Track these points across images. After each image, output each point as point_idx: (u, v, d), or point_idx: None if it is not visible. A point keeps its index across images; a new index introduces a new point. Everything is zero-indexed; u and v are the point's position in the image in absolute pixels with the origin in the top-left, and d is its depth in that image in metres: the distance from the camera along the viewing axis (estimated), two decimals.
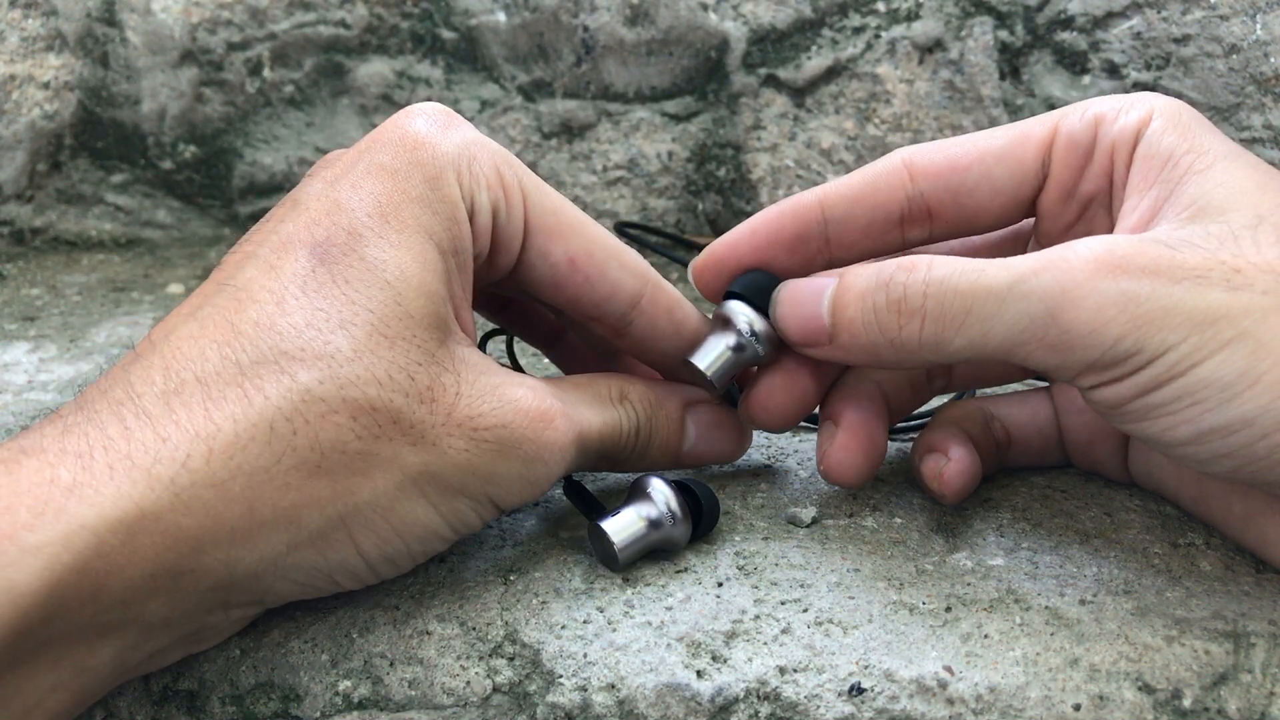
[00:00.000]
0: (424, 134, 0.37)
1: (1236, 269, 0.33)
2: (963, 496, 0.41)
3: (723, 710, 0.34)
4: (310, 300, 0.34)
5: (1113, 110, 0.39)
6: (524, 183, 0.38)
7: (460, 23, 0.78)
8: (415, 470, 0.34)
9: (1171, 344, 0.33)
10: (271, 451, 0.32)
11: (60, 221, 0.83)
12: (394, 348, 0.34)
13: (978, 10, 0.72)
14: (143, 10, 0.79)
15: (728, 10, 0.74)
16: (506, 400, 0.36)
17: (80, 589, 0.30)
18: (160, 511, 0.31)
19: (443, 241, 0.36)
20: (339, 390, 0.33)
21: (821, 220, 0.40)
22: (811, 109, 0.75)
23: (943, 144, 0.40)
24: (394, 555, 0.35)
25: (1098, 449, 0.43)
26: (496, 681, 0.36)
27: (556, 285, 0.39)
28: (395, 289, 0.34)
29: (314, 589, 0.35)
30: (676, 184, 0.78)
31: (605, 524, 0.38)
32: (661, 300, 0.40)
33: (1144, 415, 0.34)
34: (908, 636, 0.35)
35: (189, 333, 0.33)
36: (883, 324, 0.36)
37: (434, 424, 0.34)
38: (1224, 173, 0.36)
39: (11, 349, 0.63)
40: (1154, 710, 0.34)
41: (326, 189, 0.36)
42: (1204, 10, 0.65)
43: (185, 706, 0.37)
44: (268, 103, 0.81)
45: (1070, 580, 0.38)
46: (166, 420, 0.32)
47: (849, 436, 0.41)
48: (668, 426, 0.41)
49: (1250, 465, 0.33)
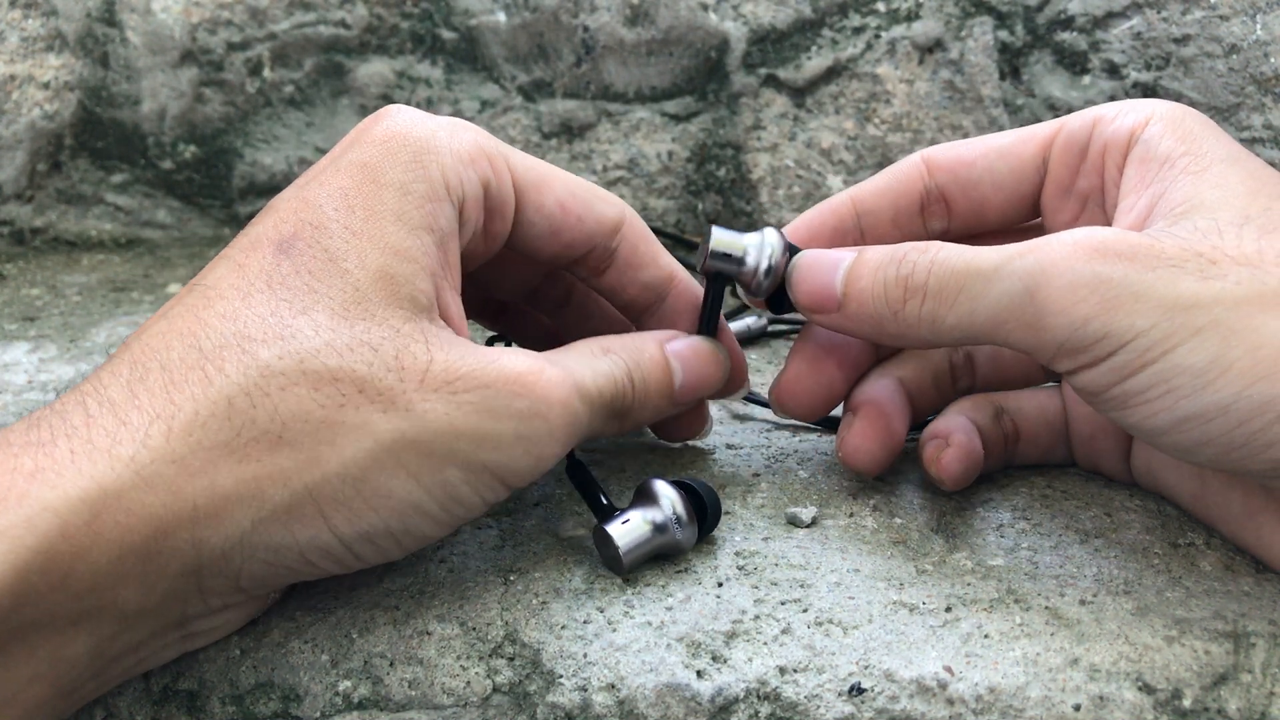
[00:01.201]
0: (399, 126, 0.38)
1: (1213, 260, 0.34)
2: (961, 484, 0.42)
3: (723, 710, 0.34)
4: (275, 292, 0.34)
5: (1111, 112, 0.41)
6: (502, 149, 0.39)
7: (460, 23, 0.78)
8: (389, 438, 0.33)
9: (1140, 329, 0.33)
10: (231, 425, 0.32)
11: (60, 221, 0.83)
12: (354, 326, 0.34)
13: (978, 10, 0.72)
14: (143, 10, 0.79)
15: (728, 10, 0.74)
16: (487, 361, 0.35)
17: (48, 572, 0.30)
18: (122, 489, 0.31)
19: (415, 220, 0.36)
20: (299, 363, 0.33)
21: (854, 214, 0.44)
22: (811, 109, 0.75)
23: (958, 142, 0.44)
24: (372, 533, 0.34)
25: (1099, 445, 0.44)
26: (496, 681, 0.36)
27: (554, 232, 0.40)
28: (354, 276, 0.35)
29: (289, 570, 0.34)
30: (676, 184, 0.78)
31: (611, 528, 0.38)
32: (637, 226, 0.43)
33: (1124, 403, 0.35)
34: (908, 636, 0.35)
35: (158, 330, 0.34)
36: (890, 297, 0.37)
37: (405, 389, 0.34)
38: (1218, 175, 0.37)
39: (11, 349, 0.63)
40: (1154, 710, 0.34)
41: (298, 190, 0.37)
42: (1204, 10, 0.65)
43: (185, 706, 0.37)
44: (268, 103, 0.81)
45: (1070, 580, 0.38)
46: (129, 406, 0.32)
47: (867, 423, 0.42)
48: (654, 367, 0.41)
49: (1232, 453, 0.34)
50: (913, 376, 0.44)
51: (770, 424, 0.51)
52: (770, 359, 0.61)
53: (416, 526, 0.35)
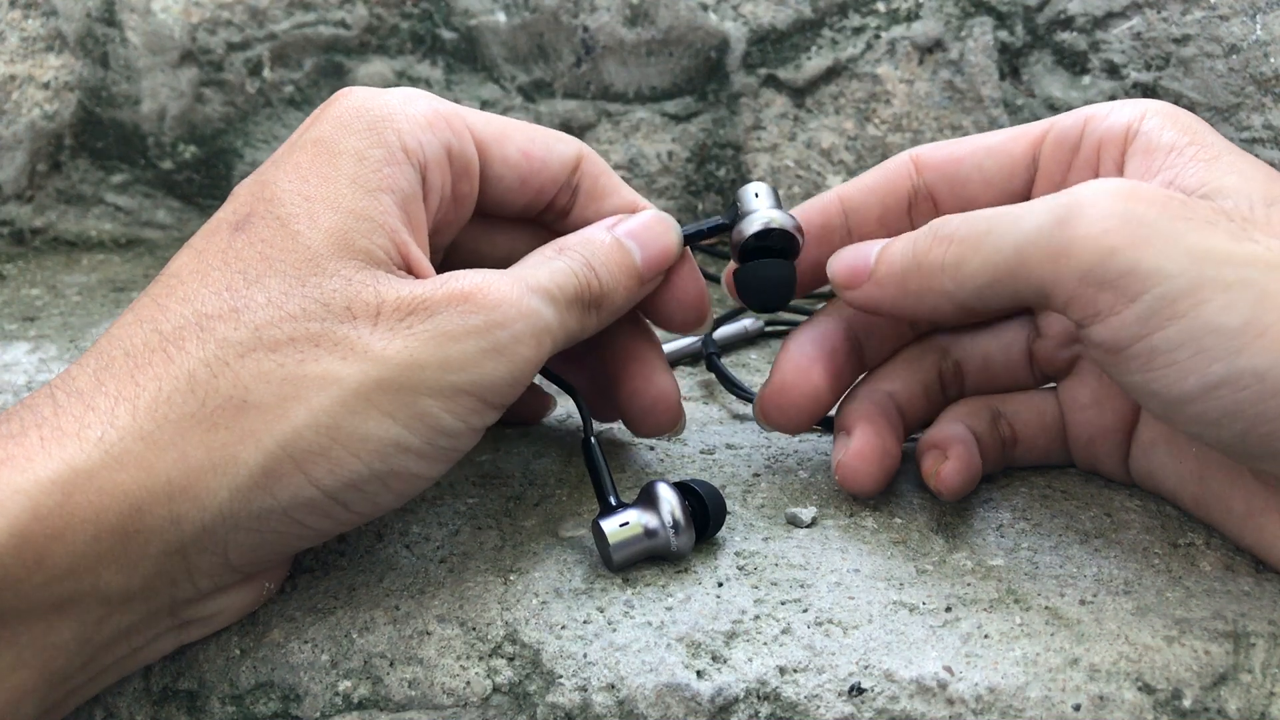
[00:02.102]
0: (354, 102, 0.38)
1: (1244, 226, 0.33)
2: (960, 495, 0.42)
3: (723, 710, 0.34)
4: (230, 267, 0.35)
5: (1103, 110, 0.41)
6: (460, 111, 0.40)
7: (460, 23, 0.78)
8: (354, 382, 0.33)
9: (1169, 273, 0.32)
10: (195, 397, 0.33)
11: (60, 221, 0.83)
12: (305, 284, 0.34)
13: (978, 10, 0.72)
14: (143, 10, 0.79)
15: (728, 10, 0.74)
16: (435, 287, 0.35)
17: (22, 556, 0.30)
18: (93, 469, 0.31)
19: (372, 182, 0.36)
20: (254, 332, 0.33)
21: (842, 212, 0.44)
22: (811, 109, 0.75)
23: (947, 142, 0.44)
24: (356, 480, 0.34)
25: (1099, 446, 0.43)
26: (496, 681, 0.36)
27: (523, 181, 0.41)
28: (305, 237, 0.35)
29: (278, 536, 0.34)
30: (676, 184, 0.78)
31: (606, 526, 0.38)
32: (595, 160, 0.43)
33: (1148, 362, 0.33)
34: (908, 636, 0.35)
35: (123, 322, 0.35)
36: (918, 250, 0.38)
37: (359, 335, 0.34)
38: (1231, 163, 0.37)
39: (11, 349, 0.63)
40: (1154, 710, 0.34)
41: (256, 175, 0.38)
42: (1204, 10, 0.65)
43: (185, 706, 0.37)
44: (268, 103, 0.81)
45: (1070, 580, 0.38)
46: (95, 392, 0.33)
47: (862, 444, 0.41)
48: (611, 251, 0.40)
49: (1259, 428, 0.32)
50: (903, 389, 0.44)
51: None
52: (769, 359, 0.61)
53: (403, 465, 0.34)
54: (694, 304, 0.44)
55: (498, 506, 0.43)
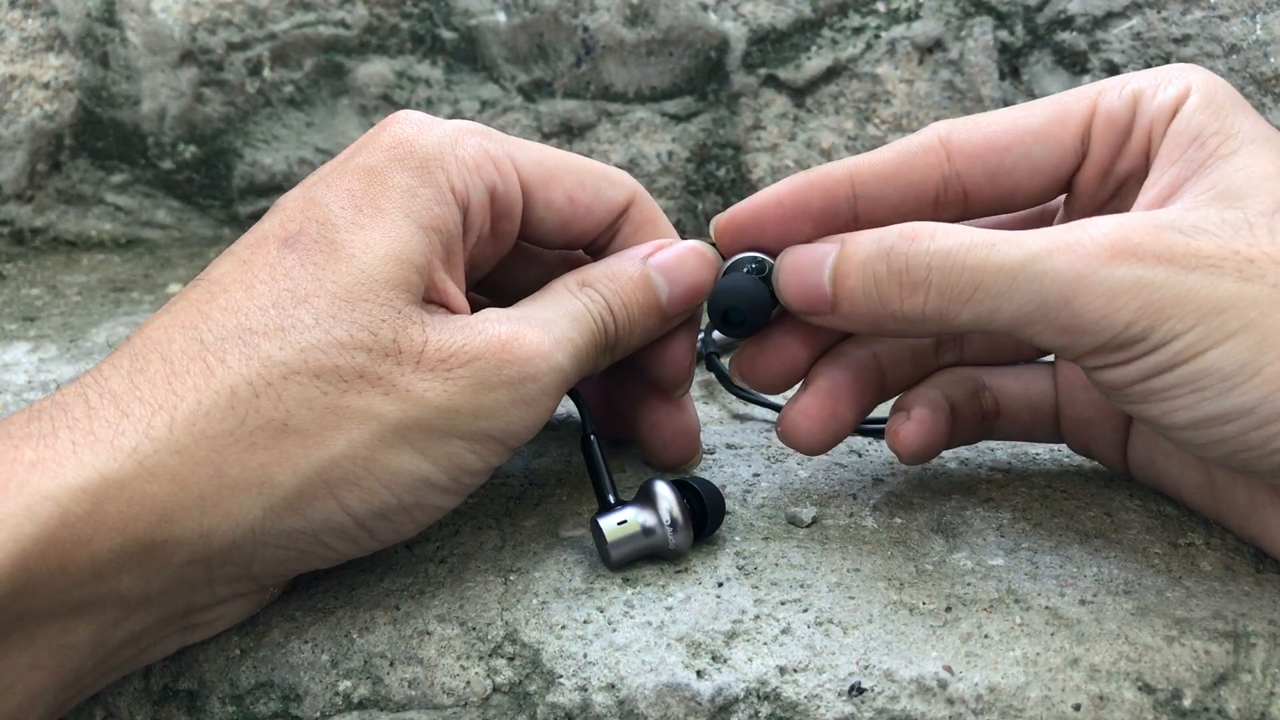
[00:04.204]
0: (406, 134, 0.38)
1: (1250, 259, 0.33)
2: (920, 459, 0.41)
3: (723, 710, 0.34)
4: (277, 284, 0.35)
5: (1151, 86, 0.38)
6: (509, 150, 0.39)
7: (460, 23, 0.78)
8: (393, 420, 0.34)
9: (1179, 332, 0.33)
10: (234, 415, 0.33)
11: (60, 221, 0.83)
12: (355, 309, 0.34)
13: (978, 10, 0.72)
14: (143, 10, 0.79)
15: (728, 10, 0.74)
16: (474, 334, 0.36)
17: (47, 560, 0.30)
18: (124, 479, 0.31)
19: (423, 219, 0.36)
20: (300, 354, 0.33)
21: (851, 195, 0.39)
22: (811, 109, 0.75)
23: (980, 121, 0.39)
24: (385, 510, 0.35)
25: (1096, 431, 0.43)
26: (496, 681, 0.36)
27: (564, 225, 0.41)
28: (360, 259, 0.35)
29: (305, 555, 0.35)
30: (676, 184, 0.78)
31: (604, 523, 0.38)
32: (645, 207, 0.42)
33: (1145, 398, 0.34)
34: (908, 636, 0.35)
35: (160, 323, 0.34)
36: (884, 295, 0.36)
37: (403, 374, 0.34)
38: (1248, 157, 0.36)
39: (11, 349, 0.63)
40: (1154, 710, 0.34)
41: (304, 191, 0.37)
42: (1204, 10, 0.65)
43: (185, 706, 0.37)
44: (268, 103, 0.81)
45: (1070, 580, 0.38)
46: (130, 397, 0.32)
47: (811, 401, 0.41)
48: (636, 289, 0.40)
49: (1244, 453, 0.34)
50: (888, 351, 0.42)
51: (770, 424, 0.51)
52: None
53: (429, 499, 0.36)
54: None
55: (498, 506, 0.43)
